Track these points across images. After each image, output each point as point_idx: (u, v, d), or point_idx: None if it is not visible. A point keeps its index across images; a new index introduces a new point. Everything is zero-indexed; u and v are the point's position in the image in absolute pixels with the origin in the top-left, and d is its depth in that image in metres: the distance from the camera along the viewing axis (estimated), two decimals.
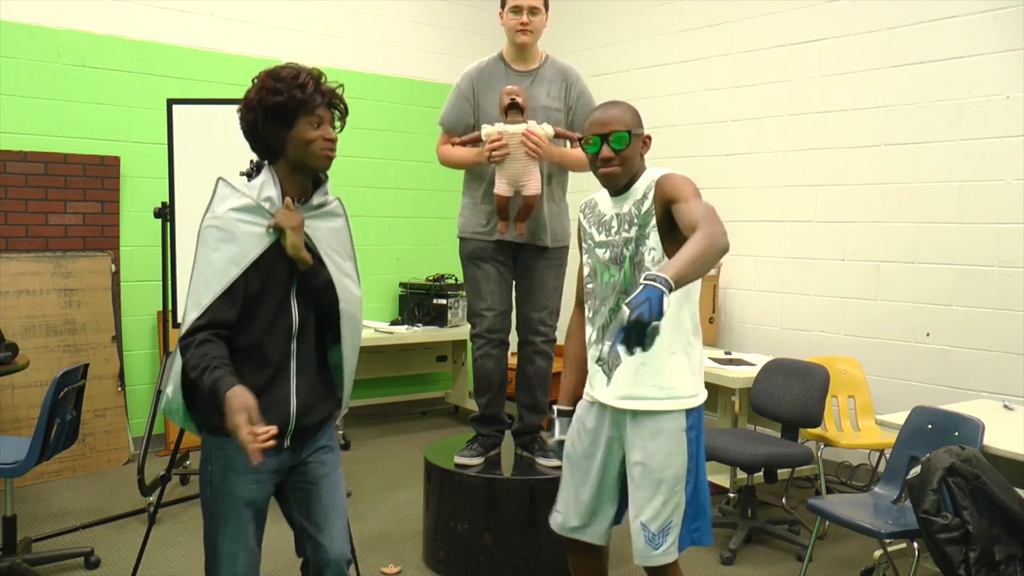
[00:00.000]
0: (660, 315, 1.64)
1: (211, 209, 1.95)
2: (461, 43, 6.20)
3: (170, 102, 3.77)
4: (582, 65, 3.56)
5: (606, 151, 2.20)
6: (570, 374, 2.50)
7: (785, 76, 4.90)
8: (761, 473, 3.82)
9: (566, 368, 2.51)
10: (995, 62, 4.04)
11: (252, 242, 1.91)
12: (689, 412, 2.21)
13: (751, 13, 5.07)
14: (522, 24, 3.20)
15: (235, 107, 2.00)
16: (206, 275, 1.89)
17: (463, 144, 3.27)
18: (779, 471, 4.03)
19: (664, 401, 2.19)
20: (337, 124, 2.03)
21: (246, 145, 2.02)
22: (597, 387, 2.30)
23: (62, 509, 4.04)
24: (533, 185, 3.16)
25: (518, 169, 3.14)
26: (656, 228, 2.18)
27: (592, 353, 2.33)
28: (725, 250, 1.92)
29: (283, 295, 1.97)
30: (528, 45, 3.27)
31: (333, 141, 1.99)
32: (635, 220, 2.21)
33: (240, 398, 1.74)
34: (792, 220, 4.88)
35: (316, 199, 2.02)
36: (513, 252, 3.37)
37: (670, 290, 1.69)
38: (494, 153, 3.11)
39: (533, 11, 3.22)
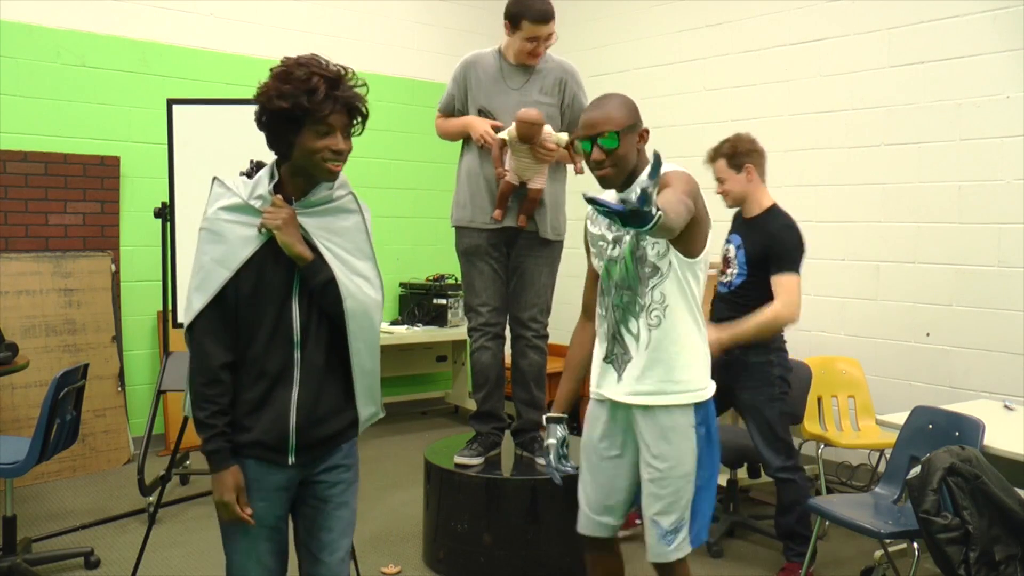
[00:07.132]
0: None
1: (205, 210, 1.89)
2: (461, 43, 6.18)
3: (170, 102, 3.77)
4: (582, 65, 3.55)
5: (597, 153, 2.14)
6: (567, 382, 2.49)
7: (785, 76, 4.90)
8: (745, 468, 3.85)
9: (564, 375, 2.50)
10: (995, 62, 4.04)
11: (241, 243, 1.84)
12: (698, 407, 2.20)
13: (751, 13, 5.07)
14: (533, 53, 3.22)
15: (235, 107, 1.97)
16: (199, 278, 1.85)
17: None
18: None
19: (675, 395, 2.19)
20: (356, 129, 1.88)
21: (246, 145, 1.98)
22: (606, 385, 2.29)
23: (62, 509, 4.03)
24: (539, 180, 3.24)
25: (526, 165, 3.21)
26: None
27: (600, 351, 2.31)
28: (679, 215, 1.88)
29: (282, 299, 1.86)
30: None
31: (340, 153, 1.83)
32: None
33: (233, 478, 1.85)
34: None
35: (316, 195, 1.88)
36: (507, 245, 3.38)
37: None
38: (485, 145, 3.19)
39: (547, 37, 3.21)
